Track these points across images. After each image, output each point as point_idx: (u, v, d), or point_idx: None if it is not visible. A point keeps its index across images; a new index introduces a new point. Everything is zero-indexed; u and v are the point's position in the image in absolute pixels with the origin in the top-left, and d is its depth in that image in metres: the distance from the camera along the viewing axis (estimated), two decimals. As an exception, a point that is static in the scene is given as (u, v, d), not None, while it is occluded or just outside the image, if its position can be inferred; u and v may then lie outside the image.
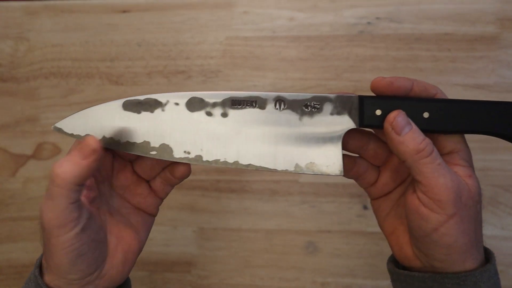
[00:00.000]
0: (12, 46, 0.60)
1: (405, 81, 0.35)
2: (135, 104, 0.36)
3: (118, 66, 0.59)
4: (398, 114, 0.34)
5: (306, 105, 0.35)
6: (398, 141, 0.33)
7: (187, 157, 0.35)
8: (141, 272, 0.60)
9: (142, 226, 0.39)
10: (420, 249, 0.35)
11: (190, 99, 0.36)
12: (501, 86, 0.55)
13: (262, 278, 0.59)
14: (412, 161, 0.33)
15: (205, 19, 0.58)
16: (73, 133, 0.35)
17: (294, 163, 0.35)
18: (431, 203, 0.33)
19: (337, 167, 0.35)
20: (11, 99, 0.60)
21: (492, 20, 0.55)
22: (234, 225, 0.59)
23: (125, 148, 0.35)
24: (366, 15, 0.56)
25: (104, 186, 0.38)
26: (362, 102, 0.35)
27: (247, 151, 0.35)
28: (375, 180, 0.38)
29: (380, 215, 0.39)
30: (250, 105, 0.36)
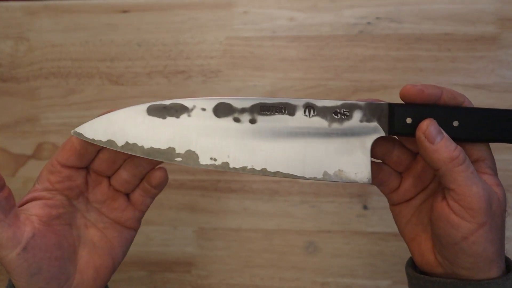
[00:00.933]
0: (12, 46, 0.60)
1: (435, 89, 0.34)
2: (160, 109, 0.35)
3: (118, 66, 0.59)
4: (430, 123, 0.34)
5: (336, 112, 0.35)
6: (432, 150, 0.33)
7: (214, 164, 0.35)
8: (141, 272, 0.60)
9: (119, 241, 0.38)
10: (445, 257, 0.35)
11: (217, 104, 0.35)
12: (501, 86, 0.55)
13: (262, 278, 0.59)
14: (446, 169, 0.33)
15: (205, 19, 0.58)
16: (94, 139, 0.34)
17: (323, 170, 0.35)
18: (462, 211, 0.33)
19: (365, 175, 0.35)
20: (11, 99, 0.60)
21: (492, 20, 0.55)
22: (234, 225, 0.59)
23: (148, 154, 0.35)
24: (366, 15, 0.56)
25: (78, 202, 0.37)
26: (392, 110, 0.35)
27: (275, 158, 0.35)
28: (397, 186, 0.38)
29: (400, 221, 0.39)
30: (279, 112, 0.35)
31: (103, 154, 0.36)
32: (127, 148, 0.34)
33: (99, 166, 0.37)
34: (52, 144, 0.60)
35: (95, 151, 0.36)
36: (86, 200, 0.38)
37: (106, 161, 0.37)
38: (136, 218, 0.39)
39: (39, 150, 0.61)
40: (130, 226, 0.39)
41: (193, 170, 0.59)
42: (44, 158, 0.60)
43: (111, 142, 0.34)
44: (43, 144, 0.60)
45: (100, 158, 0.36)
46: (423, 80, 0.55)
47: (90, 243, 0.37)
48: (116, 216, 0.38)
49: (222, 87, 0.58)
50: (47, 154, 0.60)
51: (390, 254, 0.57)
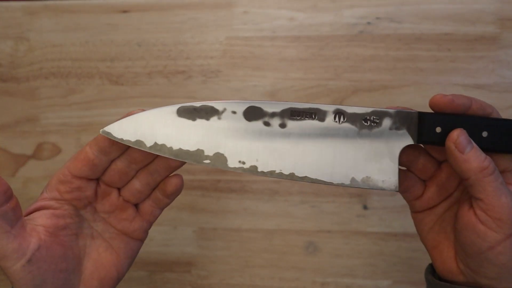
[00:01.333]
0: (12, 46, 0.60)
1: (465, 99, 0.35)
2: (190, 111, 0.35)
3: (118, 66, 0.59)
4: (460, 133, 0.34)
5: (366, 119, 0.35)
6: (462, 159, 0.33)
7: (242, 167, 0.35)
8: (141, 272, 0.60)
9: (125, 252, 0.38)
10: (468, 265, 0.35)
11: (248, 108, 0.35)
12: (501, 86, 0.55)
13: (262, 278, 0.59)
14: (475, 179, 0.33)
15: (205, 19, 0.58)
16: (122, 138, 0.34)
17: (350, 176, 0.35)
18: (490, 221, 0.33)
19: (393, 183, 0.35)
20: (11, 99, 0.60)
21: (492, 20, 0.55)
22: (234, 225, 0.59)
23: (177, 155, 0.35)
24: (366, 15, 0.56)
25: (86, 211, 0.37)
26: (422, 119, 0.35)
27: (304, 164, 0.35)
28: (421, 194, 0.38)
29: (423, 229, 0.39)
30: (309, 117, 0.35)
31: (116, 165, 0.36)
32: (155, 149, 0.34)
33: (110, 177, 0.37)
34: (52, 144, 0.60)
35: (109, 161, 0.36)
36: (93, 210, 0.37)
37: (118, 172, 0.36)
38: (143, 229, 0.39)
39: (39, 150, 0.61)
40: (137, 237, 0.39)
41: (193, 170, 0.59)
42: (44, 158, 0.60)
43: (139, 142, 0.34)
44: (43, 144, 0.60)
45: (112, 169, 0.36)
46: (423, 79, 0.55)
47: (96, 254, 0.37)
48: (123, 227, 0.38)
49: (222, 87, 0.58)
50: (47, 154, 0.60)
51: (390, 254, 0.57)
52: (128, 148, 0.36)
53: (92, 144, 0.35)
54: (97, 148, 0.35)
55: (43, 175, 0.61)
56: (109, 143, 0.35)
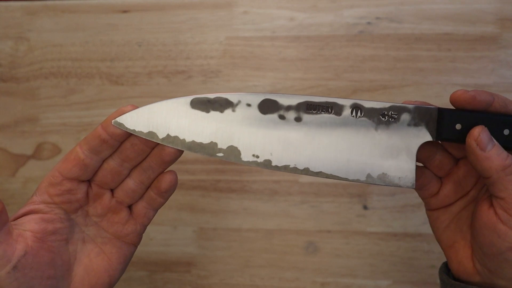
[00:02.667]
0: (12, 46, 0.60)
1: (487, 96, 0.34)
2: (204, 103, 0.34)
3: (118, 66, 0.59)
4: (482, 130, 0.33)
5: (384, 114, 0.35)
6: (484, 157, 0.33)
7: (256, 161, 0.34)
8: (141, 272, 0.60)
9: (117, 257, 0.37)
10: (486, 266, 0.34)
11: (263, 100, 0.34)
12: (501, 86, 0.55)
13: (262, 278, 0.59)
14: (497, 177, 0.32)
15: (205, 19, 0.58)
16: (135, 129, 0.34)
17: (366, 173, 0.34)
18: (511, 221, 0.32)
19: (409, 180, 0.34)
20: (11, 99, 0.60)
21: (492, 20, 0.55)
22: (234, 225, 0.59)
23: (190, 148, 0.34)
24: (366, 15, 0.56)
25: (77, 215, 0.36)
26: (442, 115, 0.34)
27: (319, 158, 0.34)
28: (437, 191, 0.38)
29: (438, 227, 0.38)
30: (325, 111, 0.34)
31: (108, 164, 0.35)
32: (168, 141, 0.34)
33: (103, 178, 0.36)
34: (52, 144, 0.60)
35: (100, 160, 0.35)
36: (85, 213, 0.36)
37: (110, 172, 0.35)
38: (137, 232, 0.38)
39: (39, 150, 0.61)
40: (130, 241, 0.38)
41: (193, 170, 0.59)
42: (44, 158, 0.60)
43: (152, 133, 0.34)
44: (43, 144, 0.60)
45: (104, 169, 0.35)
46: (423, 79, 0.55)
47: (87, 259, 0.36)
48: (116, 231, 0.37)
49: (222, 87, 0.58)
50: (47, 154, 0.60)
51: (390, 254, 0.57)
52: (120, 146, 0.35)
53: (83, 144, 0.34)
54: (87, 148, 0.34)
55: (43, 175, 0.61)
56: (100, 141, 0.34)
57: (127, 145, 0.35)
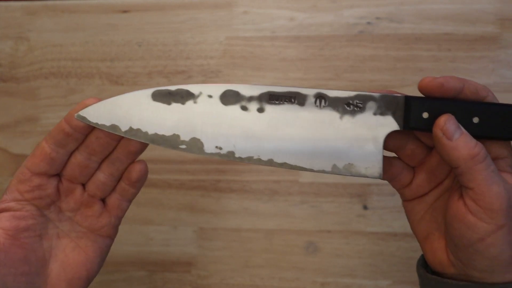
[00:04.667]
0: (12, 46, 0.60)
1: (456, 82, 0.33)
2: (165, 95, 0.34)
3: (118, 66, 0.59)
4: (448, 118, 0.32)
5: (348, 103, 0.34)
6: (451, 147, 0.31)
7: (219, 153, 0.34)
8: (141, 272, 0.60)
9: (93, 251, 0.37)
10: (459, 258, 0.34)
11: (224, 91, 0.34)
12: (501, 86, 0.55)
13: (262, 278, 0.59)
14: (466, 167, 0.31)
15: (205, 19, 0.58)
16: (97, 122, 0.33)
17: (332, 163, 0.34)
18: (480, 212, 0.31)
19: (376, 170, 0.34)
20: (11, 99, 0.60)
21: (492, 20, 0.55)
22: (234, 225, 0.59)
23: (152, 140, 0.34)
24: (366, 15, 0.56)
25: (50, 211, 0.36)
26: (409, 103, 0.33)
27: (283, 149, 0.33)
28: (410, 181, 0.37)
29: (413, 218, 0.37)
30: (288, 101, 0.34)
31: (76, 158, 0.35)
32: (130, 134, 0.34)
33: (71, 172, 0.35)
34: (52, 144, 0.60)
35: (67, 154, 0.35)
36: (58, 209, 0.36)
37: (79, 166, 0.35)
38: (112, 224, 0.38)
39: (39, 150, 0.61)
40: (106, 234, 0.38)
41: (193, 170, 0.59)
42: (44, 158, 0.60)
43: (115, 126, 0.34)
44: (43, 144, 0.60)
45: (72, 163, 0.35)
46: (423, 80, 0.55)
47: (63, 255, 0.36)
48: (90, 224, 0.37)
49: (222, 87, 0.58)
50: (47, 154, 0.60)
51: (390, 254, 0.57)
52: (86, 139, 0.35)
53: (48, 138, 0.34)
54: (53, 141, 0.34)
55: (43, 175, 0.61)
56: (64, 135, 0.34)
57: (92, 139, 0.34)
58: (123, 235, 0.60)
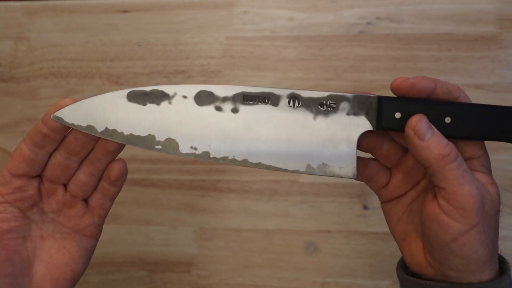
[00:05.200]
0: (12, 46, 0.60)
1: (428, 83, 0.33)
2: (140, 95, 0.34)
3: (118, 66, 0.59)
4: (420, 118, 0.32)
5: (322, 103, 0.34)
6: (422, 147, 0.32)
7: (194, 153, 0.34)
8: (141, 272, 0.60)
9: (78, 251, 0.37)
10: (435, 258, 0.34)
11: (199, 92, 0.34)
12: (501, 86, 0.55)
13: (262, 278, 0.59)
14: (437, 167, 0.31)
15: (205, 19, 0.58)
16: (73, 123, 0.34)
17: (306, 163, 0.34)
18: (453, 212, 0.32)
19: (350, 170, 0.34)
20: (11, 99, 0.60)
21: (492, 20, 0.55)
22: (234, 225, 0.59)
23: (128, 141, 0.34)
24: (366, 15, 0.56)
25: (33, 213, 0.36)
26: (381, 104, 0.33)
27: (258, 150, 0.34)
28: (387, 182, 0.37)
29: (391, 219, 0.38)
30: (262, 101, 0.34)
31: (55, 158, 0.35)
32: (106, 134, 0.34)
33: (52, 172, 0.36)
34: (52, 144, 0.60)
35: (46, 154, 0.35)
36: (41, 211, 0.36)
37: (59, 166, 0.35)
38: (95, 224, 0.38)
39: (39, 150, 0.61)
40: (90, 234, 0.38)
41: (193, 170, 0.59)
42: (44, 158, 0.60)
43: (91, 127, 0.34)
44: (43, 144, 0.60)
45: (52, 164, 0.35)
46: (423, 80, 0.55)
47: (47, 255, 0.36)
48: (74, 224, 0.37)
49: (222, 87, 0.58)
50: (47, 154, 0.60)
51: (390, 254, 0.57)
52: (64, 140, 0.35)
53: (26, 139, 0.34)
54: (31, 143, 0.34)
55: (43, 175, 0.61)
56: (42, 136, 0.34)
57: (71, 139, 0.35)
58: (123, 235, 0.60)
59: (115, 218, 0.60)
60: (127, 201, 0.59)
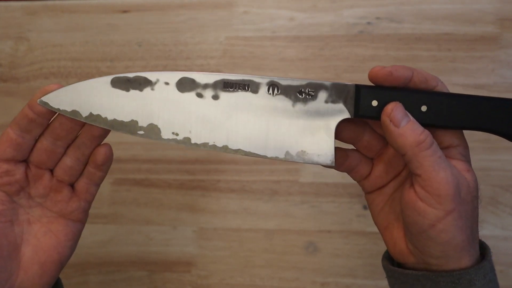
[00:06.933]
0: (12, 46, 0.60)
1: (405, 71, 0.33)
2: (124, 82, 0.35)
3: (118, 66, 0.59)
4: (395, 106, 0.33)
5: (301, 91, 0.35)
6: (397, 134, 0.32)
7: (175, 139, 0.35)
8: (141, 272, 0.60)
9: (65, 235, 0.38)
10: (415, 245, 0.34)
11: (180, 79, 0.35)
12: (501, 86, 0.55)
13: (262, 278, 0.59)
14: (412, 153, 0.32)
15: (205, 19, 0.58)
16: (59, 108, 0.34)
17: (285, 150, 0.35)
18: (429, 198, 0.32)
19: (328, 157, 0.34)
20: (11, 99, 0.60)
21: (492, 20, 0.55)
22: (234, 225, 0.59)
23: (112, 126, 0.35)
24: (366, 15, 0.56)
25: (20, 197, 0.37)
26: (359, 92, 0.34)
27: (237, 136, 0.35)
28: (368, 173, 0.37)
29: (374, 210, 0.38)
30: (242, 89, 0.35)
31: (42, 143, 0.36)
32: (91, 119, 0.34)
33: (38, 157, 0.36)
34: (52, 144, 0.60)
35: (32, 139, 0.35)
36: (28, 195, 0.37)
37: (45, 151, 0.36)
38: (81, 209, 0.38)
39: (39, 150, 0.61)
40: (76, 218, 0.38)
41: (193, 170, 0.59)
42: (44, 158, 0.60)
43: (75, 112, 0.34)
44: (43, 144, 0.60)
45: (39, 149, 0.36)
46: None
47: (34, 239, 0.37)
48: (60, 209, 0.38)
49: (222, 87, 0.58)
50: (47, 154, 0.60)
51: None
52: (50, 125, 0.35)
53: (13, 124, 0.35)
54: (17, 127, 0.35)
55: (43, 175, 0.61)
56: (28, 121, 0.34)
57: (56, 124, 0.35)
58: (123, 235, 0.60)
59: (115, 218, 0.60)
60: (127, 201, 0.59)
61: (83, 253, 0.59)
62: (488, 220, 0.56)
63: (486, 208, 0.55)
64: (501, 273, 0.55)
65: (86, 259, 0.60)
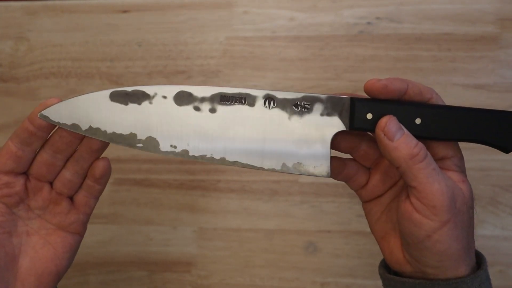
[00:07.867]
0: (12, 46, 0.60)
1: (400, 84, 0.34)
2: (122, 95, 0.35)
3: (118, 66, 0.59)
4: (389, 119, 0.33)
5: (296, 104, 0.35)
6: (392, 147, 0.33)
7: (174, 151, 0.35)
8: (141, 272, 0.60)
9: (63, 247, 0.38)
10: (412, 255, 0.35)
11: (178, 92, 0.35)
12: (501, 86, 0.55)
13: (262, 278, 0.59)
14: (406, 166, 0.32)
15: (205, 19, 0.58)
16: (59, 121, 0.35)
17: (281, 162, 0.35)
18: (424, 209, 0.33)
19: (324, 169, 0.35)
20: (11, 99, 0.60)
21: (492, 20, 0.55)
22: (234, 225, 0.59)
23: (111, 139, 0.35)
24: (366, 15, 0.56)
25: (19, 209, 0.37)
26: (354, 105, 0.34)
27: (234, 148, 0.35)
28: (366, 182, 0.38)
29: (371, 219, 0.39)
30: (239, 102, 0.35)
31: (41, 156, 0.36)
32: (90, 132, 0.35)
33: (38, 170, 0.36)
34: (52, 144, 0.60)
35: (32, 152, 0.36)
36: (27, 207, 0.37)
37: (45, 164, 0.36)
38: (80, 221, 0.38)
39: (39, 150, 0.61)
40: (74, 230, 0.38)
41: (193, 170, 0.59)
42: (44, 158, 0.60)
43: (75, 126, 0.35)
44: (43, 144, 0.60)
45: (38, 161, 0.36)
46: (423, 79, 0.55)
47: (32, 251, 0.37)
48: (59, 221, 0.38)
49: (222, 87, 0.58)
50: (47, 154, 0.60)
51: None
52: (50, 138, 0.36)
53: (13, 137, 0.36)
54: (18, 140, 0.35)
55: (43, 175, 0.61)
56: (28, 134, 0.35)
57: (56, 137, 0.36)
58: (123, 235, 0.60)
59: (115, 218, 0.60)
60: (127, 201, 0.59)
61: (83, 253, 0.59)
62: (488, 220, 0.56)
63: (486, 208, 0.55)
64: (501, 273, 0.55)
65: (86, 259, 0.60)
